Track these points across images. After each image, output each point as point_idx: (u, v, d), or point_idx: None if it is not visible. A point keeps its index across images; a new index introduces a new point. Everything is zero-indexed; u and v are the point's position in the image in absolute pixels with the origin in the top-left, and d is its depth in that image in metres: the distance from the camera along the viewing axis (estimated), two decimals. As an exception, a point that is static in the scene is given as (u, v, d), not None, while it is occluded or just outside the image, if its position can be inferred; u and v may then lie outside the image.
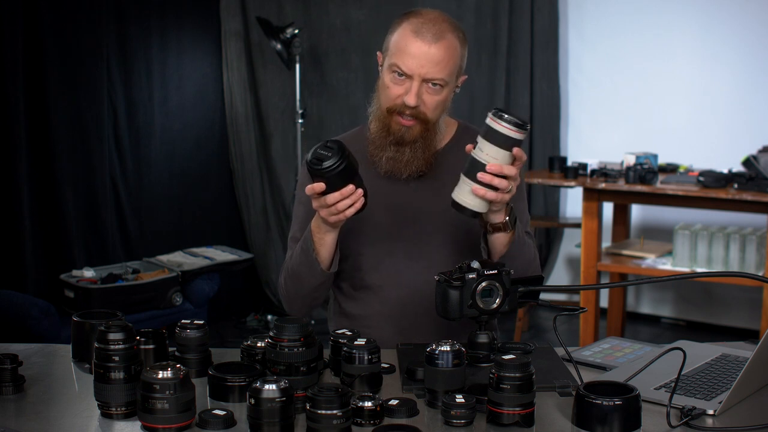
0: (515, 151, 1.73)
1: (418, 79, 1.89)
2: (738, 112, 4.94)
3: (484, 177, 1.74)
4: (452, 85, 1.94)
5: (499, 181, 1.73)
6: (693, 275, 2.36)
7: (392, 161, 1.97)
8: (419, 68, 1.88)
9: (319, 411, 1.37)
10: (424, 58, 1.88)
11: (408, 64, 1.89)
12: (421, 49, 1.88)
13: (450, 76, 1.91)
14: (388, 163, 1.97)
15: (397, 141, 1.95)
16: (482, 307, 1.71)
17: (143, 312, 4.45)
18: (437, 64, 1.88)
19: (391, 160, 1.97)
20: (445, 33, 1.90)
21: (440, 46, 1.89)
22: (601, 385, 1.45)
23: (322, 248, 1.91)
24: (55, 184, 4.52)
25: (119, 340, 1.47)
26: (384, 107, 1.95)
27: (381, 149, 1.97)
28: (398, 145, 1.95)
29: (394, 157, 1.96)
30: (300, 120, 5.14)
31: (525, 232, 2.00)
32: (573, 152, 5.40)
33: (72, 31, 4.59)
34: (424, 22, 1.90)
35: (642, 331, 5.07)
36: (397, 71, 1.91)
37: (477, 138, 1.76)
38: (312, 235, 1.90)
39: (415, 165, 1.97)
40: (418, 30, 1.89)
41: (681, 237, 4.21)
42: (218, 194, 5.46)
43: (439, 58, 1.88)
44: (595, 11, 5.35)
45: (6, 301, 4.02)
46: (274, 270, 5.45)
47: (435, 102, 1.92)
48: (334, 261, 1.94)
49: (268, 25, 4.99)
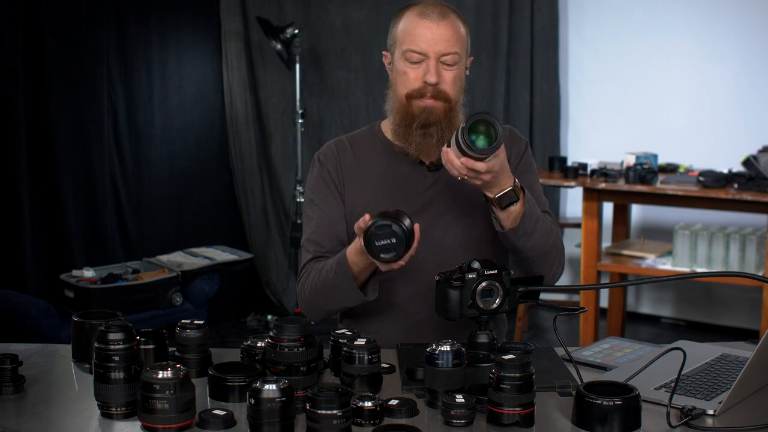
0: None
1: (434, 56, 1.94)
2: (738, 112, 4.94)
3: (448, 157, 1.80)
4: (462, 63, 1.99)
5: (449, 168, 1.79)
6: (693, 275, 2.36)
7: (422, 146, 1.98)
8: (433, 46, 1.94)
9: (319, 411, 1.37)
10: (435, 36, 1.94)
11: (421, 44, 1.94)
12: (430, 29, 1.95)
13: (462, 51, 1.97)
14: (418, 149, 1.98)
15: (423, 123, 1.97)
16: (482, 307, 1.71)
17: (143, 312, 4.45)
18: (448, 40, 1.94)
19: (421, 145, 1.98)
20: (449, 13, 1.98)
21: (447, 24, 1.95)
22: (601, 385, 1.45)
23: (362, 274, 1.90)
24: (55, 184, 4.52)
25: (119, 340, 1.48)
26: (403, 95, 1.98)
27: (408, 137, 1.99)
28: (425, 127, 1.97)
29: (423, 142, 1.97)
30: (300, 120, 5.14)
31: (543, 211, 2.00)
32: (573, 152, 5.40)
33: (72, 31, 4.59)
34: (426, 6, 1.98)
35: (642, 331, 5.07)
36: (413, 55, 1.95)
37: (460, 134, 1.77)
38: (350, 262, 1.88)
39: (437, 149, 1.96)
40: (423, 12, 1.97)
41: (681, 237, 4.21)
42: (218, 194, 5.46)
43: (449, 34, 1.95)
44: (595, 11, 5.35)
45: (6, 301, 4.01)
46: (274, 270, 5.45)
47: (452, 78, 1.96)
48: (375, 285, 1.93)
49: (268, 25, 4.99)
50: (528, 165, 2.09)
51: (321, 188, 2.07)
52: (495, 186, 1.82)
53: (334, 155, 2.09)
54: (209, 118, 5.39)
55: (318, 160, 2.11)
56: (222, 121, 5.44)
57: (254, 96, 5.45)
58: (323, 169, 2.08)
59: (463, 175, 1.79)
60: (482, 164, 1.75)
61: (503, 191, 1.82)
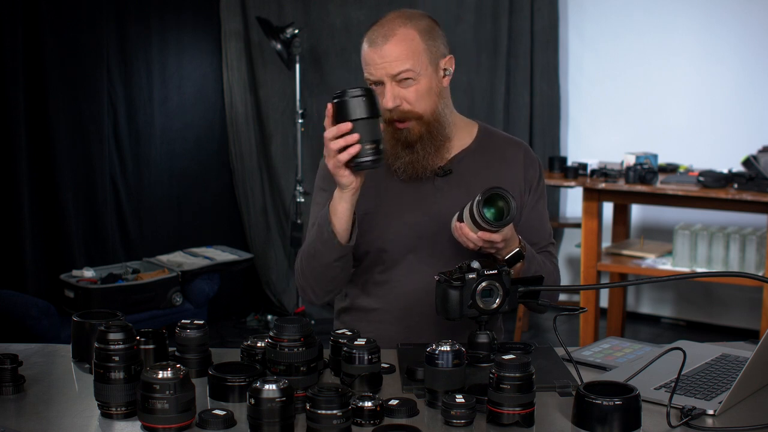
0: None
1: (387, 80, 1.94)
2: (738, 112, 4.94)
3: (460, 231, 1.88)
4: (428, 73, 1.96)
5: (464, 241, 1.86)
6: (693, 275, 2.36)
7: (410, 164, 2.00)
8: (380, 71, 1.94)
9: (319, 411, 1.37)
10: (380, 60, 1.93)
11: (372, 72, 1.95)
12: (376, 53, 1.94)
13: (416, 65, 1.93)
14: (408, 167, 2.00)
15: (405, 144, 1.99)
16: (482, 307, 1.71)
17: (143, 312, 4.45)
18: (395, 60, 1.92)
19: (409, 164, 2.00)
20: (396, 29, 1.94)
21: (393, 43, 1.93)
22: (601, 385, 1.45)
23: (336, 219, 1.90)
24: (55, 184, 4.52)
25: (119, 340, 1.48)
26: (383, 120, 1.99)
27: (396, 157, 2.01)
28: (408, 147, 1.99)
29: (410, 160, 1.99)
30: (300, 120, 5.14)
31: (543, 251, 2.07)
32: (573, 152, 5.40)
33: (72, 31, 4.59)
34: (375, 29, 1.97)
35: (642, 331, 5.07)
36: (371, 84, 1.97)
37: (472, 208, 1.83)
38: (328, 209, 1.92)
39: (432, 161, 2.00)
40: (370, 39, 1.96)
41: (681, 237, 4.21)
42: (218, 194, 5.46)
43: (395, 54, 1.92)
44: (595, 11, 5.35)
45: (6, 301, 4.01)
46: (274, 270, 5.45)
47: (414, 94, 1.95)
48: (353, 235, 1.94)
49: (268, 25, 4.99)
50: (541, 193, 2.12)
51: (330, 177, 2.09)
52: (505, 248, 1.89)
53: None
54: (209, 118, 5.39)
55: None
56: (222, 121, 5.44)
57: (254, 96, 5.45)
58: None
59: (478, 247, 1.86)
60: (498, 236, 1.83)
61: (512, 252, 1.90)
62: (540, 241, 2.08)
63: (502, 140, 2.12)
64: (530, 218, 2.08)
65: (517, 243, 1.91)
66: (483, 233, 1.82)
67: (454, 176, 2.04)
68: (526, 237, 2.00)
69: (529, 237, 2.03)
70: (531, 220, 2.08)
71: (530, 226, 2.07)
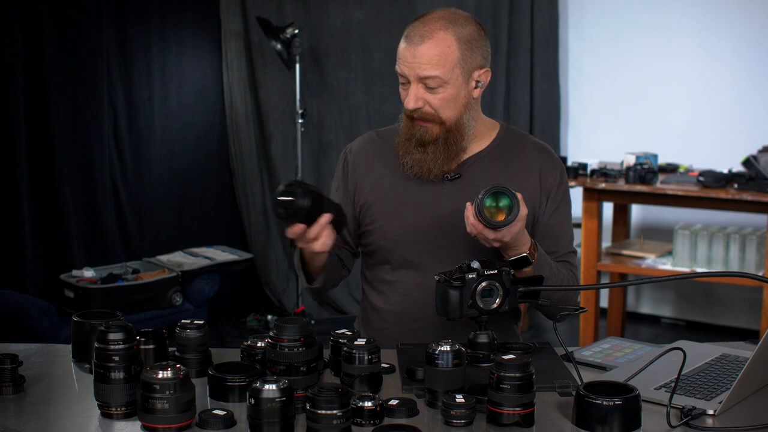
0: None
1: (414, 81, 1.92)
2: (738, 112, 4.94)
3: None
4: (457, 82, 1.93)
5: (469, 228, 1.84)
6: (693, 275, 2.36)
7: (418, 163, 1.99)
8: (410, 70, 1.92)
9: (319, 411, 1.37)
10: (412, 60, 1.91)
11: (401, 68, 1.94)
12: (409, 51, 1.92)
13: (446, 73, 1.90)
14: (415, 166, 2.00)
15: (419, 142, 1.98)
16: (482, 307, 1.71)
17: (143, 312, 4.45)
18: (427, 63, 1.90)
19: (417, 162, 1.99)
20: (435, 31, 1.91)
21: (428, 45, 1.90)
22: (601, 385, 1.45)
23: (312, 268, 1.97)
24: (55, 184, 4.52)
25: (119, 340, 1.47)
26: (404, 113, 1.99)
27: (407, 152, 2.00)
28: (421, 146, 1.98)
29: (420, 159, 1.99)
30: (300, 120, 5.14)
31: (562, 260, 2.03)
32: (573, 152, 5.40)
33: (72, 31, 4.59)
34: (416, 25, 1.94)
35: (642, 331, 5.07)
36: (400, 77, 1.96)
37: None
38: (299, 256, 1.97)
39: (440, 165, 1.98)
40: (408, 34, 1.93)
41: (681, 237, 4.21)
42: (218, 194, 5.46)
43: (428, 57, 1.90)
44: (595, 11, 5.35)
45: (6, 301, 4.01)
46: (274, 270, 5.45)
47: (439, 101, 1.93)
48: (318, 278, 1.99)
49: (268, 25, 4.99)
50: (561, 199, 2.06)
51: (339, 179, 2.14)
52: (510, 249, 1.87)
53: (359, 150, 2.13)
54: (209, 118, 5.39)
55: (344, 153, 2.16)
56: (222, 121, 5.44)
57: (254, 96, 5.45)
58: (346, 163, 2.14)
59: (473, 234, 1.84)
60: (491, 232, 1.80)
61: (517, 256, 1.87)
62: (558, 250, 2.04)
63: (521, 145, 2.07)
64: (548, 225, 2.03)
65: (526, 248, 1.86)
66: (476, 223, 1.80)
67: (462, 181, 2.02)
68: (543, 245, 1.98)
69: (546, 245, 2.00)
70: (549, 228, 2.03)
71: (548, 233, 2.03)
